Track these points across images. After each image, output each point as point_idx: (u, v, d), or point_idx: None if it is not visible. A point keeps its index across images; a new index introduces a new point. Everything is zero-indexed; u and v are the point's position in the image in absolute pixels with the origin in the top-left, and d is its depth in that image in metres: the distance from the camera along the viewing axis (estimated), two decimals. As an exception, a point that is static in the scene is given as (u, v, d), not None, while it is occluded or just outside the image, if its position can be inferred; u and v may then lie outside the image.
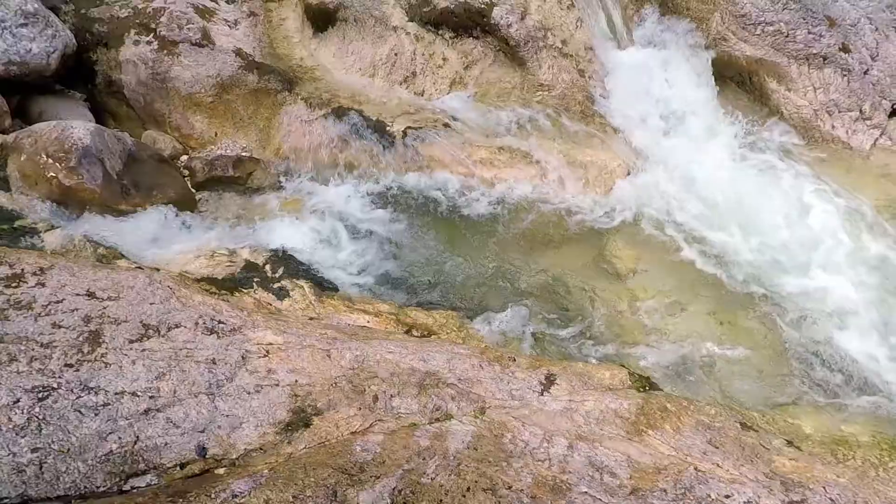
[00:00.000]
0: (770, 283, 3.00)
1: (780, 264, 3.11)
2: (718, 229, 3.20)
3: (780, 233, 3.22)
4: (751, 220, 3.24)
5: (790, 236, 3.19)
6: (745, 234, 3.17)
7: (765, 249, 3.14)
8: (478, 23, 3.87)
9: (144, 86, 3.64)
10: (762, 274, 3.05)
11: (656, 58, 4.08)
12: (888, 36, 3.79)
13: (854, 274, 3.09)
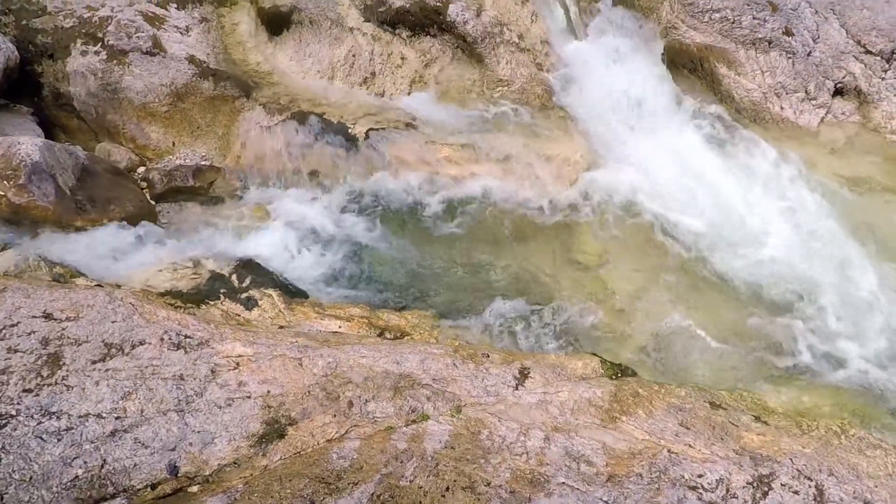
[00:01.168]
0: (731, 264, 3.10)
1: (741, 245, 3.22)
2: (680, 214, 3.29)
3: (738, 214, 3.33)
4: (710, 203, 3.34)
5: (748, 217, 3.31)
6: (706, 217, 3.27)
7: (725, 231, 3.25)
8: (434, 21, 3.87)
9: (95, 97, 3.52)
10: (723, 255, 3.16)
11: (612, 48, 4.16)
12: (827, 18, 3.95)
13: (809, 249, 3.22)
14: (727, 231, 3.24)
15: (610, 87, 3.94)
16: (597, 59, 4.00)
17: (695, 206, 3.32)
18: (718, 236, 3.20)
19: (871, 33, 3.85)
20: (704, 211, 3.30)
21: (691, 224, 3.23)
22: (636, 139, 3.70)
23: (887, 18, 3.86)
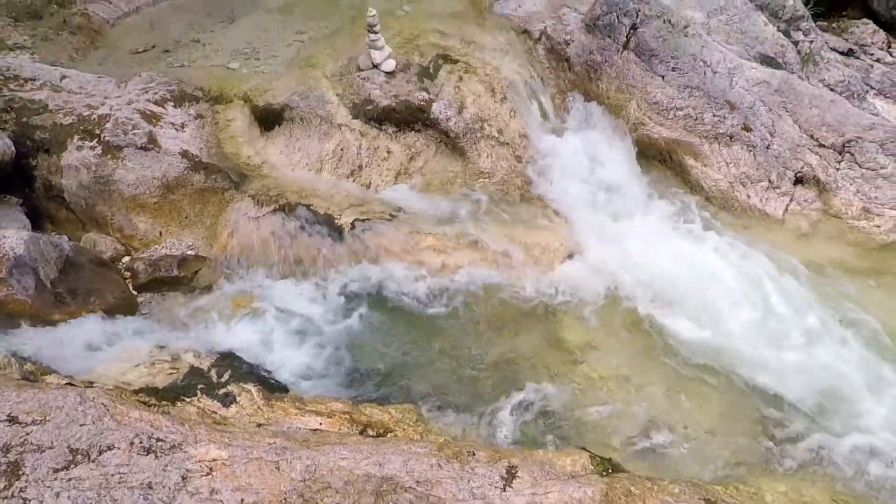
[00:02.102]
0: (716, 352, 3.12)
1: (724, 332, 3.25)
2: (661, 302, 3.35)
3: (718, 301, 3.39)
4: (689, 290, 3.42)
5: (727, 304, 3.38)
6: (686, 305, 3.33)
7: (706, 318, 3.30)
8: (419, 118, 4.12)
9: (86, 189, 3.60)
10: (708, 343, 3.18)
11: (585, 141, 4.41)
12: (781, 115, 4.27)
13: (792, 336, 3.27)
14: (709, 320, 3.28)
15: (585, 177, 4.15)
16: (572, 152, 4.23)
17: (674, 294, 3.39)
18: (701, 325, 3.25)
19: (822, 129, 4.17)
20: (684, 298, 3.36)
21: (672, 312, 3.29)
22: (613, 227, 3.84)
23: (834, 115, 4.19)
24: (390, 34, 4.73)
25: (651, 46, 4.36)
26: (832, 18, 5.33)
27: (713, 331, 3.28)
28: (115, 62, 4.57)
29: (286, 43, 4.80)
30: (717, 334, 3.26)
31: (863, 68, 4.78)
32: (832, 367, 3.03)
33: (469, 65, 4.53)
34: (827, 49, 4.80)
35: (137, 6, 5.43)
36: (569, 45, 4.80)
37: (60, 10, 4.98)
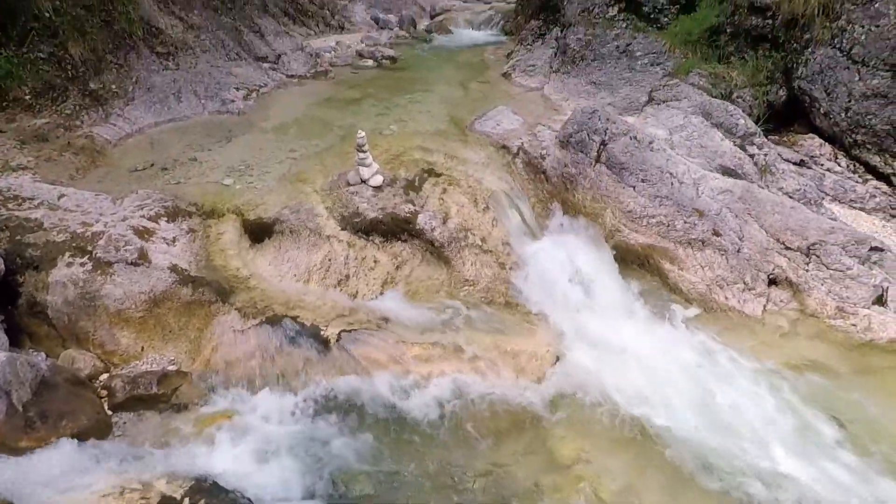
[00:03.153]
0: (709, 459, 3.04)
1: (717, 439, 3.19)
2: (650, 408, 3.31)
3: (705, 405, 3.37)
4: (677, 395, 3.40)
5: (716, 408, 3.35)
6: (673, 410, 3.30)
7: (696, 424, 3.25)
8: (405, 228, 4.29)
9: (71, 305, 3.58)
10: (701, 450, 3.11)
11: (566, 248, 4.59)
12: (747, 221, 4.53)
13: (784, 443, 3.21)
14: (700, 426, 3.24)
15: (568, 282, 4.26)
16: (554, 259, 4.39)
17: (663, 400, 3.36)
18: (692, 431, 3.19)
19: (787, 233, 4.41)
20: (672, 405, 3.34)
21: (661, 418, 3.24)
22: (598, 331, 3.88)
23: (796, 220, 4.46)
24: (378, 151, 5.07)
25: (621, 160, 4.71)
26: (782, 133, 5.86)
27: (705, 434, 3.22)
28: (113, 180, 4.77)
29: (279, 160, 5.09)
30: (707, 439, 3.19)
31: (815, 177, 5.18)
32: (821, 476, 2.95)
33: (452, 177, 4.82)
34: (781, 160, 5.22)
35: (140, 127, 5.80)
36: (545, 158, 5.16)
37: (66, 133, 5.28)
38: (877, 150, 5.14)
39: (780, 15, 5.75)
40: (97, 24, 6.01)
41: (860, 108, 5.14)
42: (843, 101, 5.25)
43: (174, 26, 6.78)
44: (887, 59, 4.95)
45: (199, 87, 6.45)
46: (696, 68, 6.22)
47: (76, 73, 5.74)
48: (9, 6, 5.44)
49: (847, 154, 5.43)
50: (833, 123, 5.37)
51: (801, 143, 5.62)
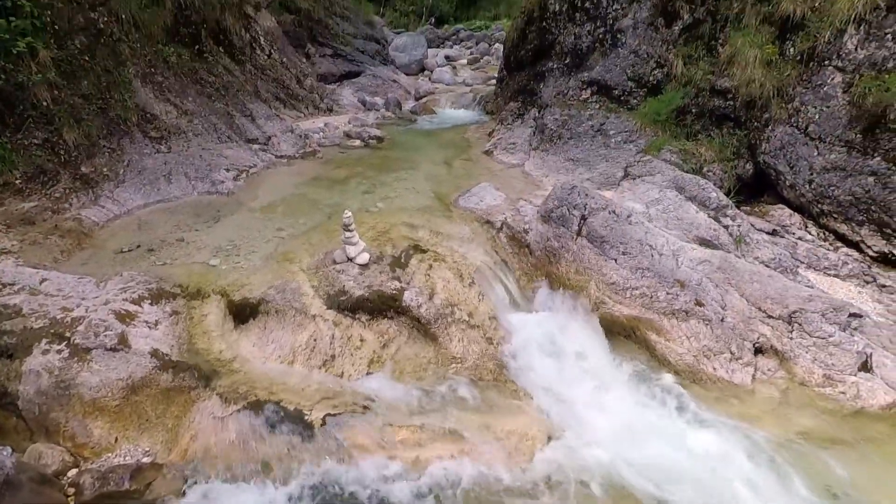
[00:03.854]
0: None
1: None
2: (644, 488, 3.20)
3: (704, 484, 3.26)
4: (672, 474, 3.30)
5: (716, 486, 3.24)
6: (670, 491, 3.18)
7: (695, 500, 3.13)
8: (391, 306, 4.29)
9: (44, 395, 3.45)
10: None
11: (553, 321, 4.61)
12: (728, 290, 4.62)
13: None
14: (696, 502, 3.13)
15: (556, 356, 4.24)
16: (541, 333, 4.39)
17: (658, 479, 3.26)
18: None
19: (767, 301, 4.49)
20: (668, 485, 3.23)
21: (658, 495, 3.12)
22: (588, 408, 3.81)
23: (775, 289, 4.56)
24: (364, 228, 5.16)
25: (601, 234, 4.85)
26: (753, 204, 6.12)
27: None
28: (98, 262, 4.76)
29: (266, 239, 5.15)
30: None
31: (789, 246, 5.36)
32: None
33: (438, 253, 4.89)
34: (754, 230, 5.42)
35: (129, 209, 5.87)
36: (528, 233, 5.29)
37: (54, 216, 5.32)
38: (843, 219, 5.37)
39: (740, 97, 6.19)
40: (93, 111, 6.24)
41: (822, 180, 5.42)
42: (805, 174, 5.54)
43: (168, 112, 7.05)
44: (841, 135, 5.29)
45: (189, 168, 6.62)
46: (667, 145, 6.57)
47: (69, 158, 5.87)
48: (7, 96, 5.64)
49: (816, 223, 5.65)
50: (799, 195, 5.64)
51: (772, 214, 5.86)
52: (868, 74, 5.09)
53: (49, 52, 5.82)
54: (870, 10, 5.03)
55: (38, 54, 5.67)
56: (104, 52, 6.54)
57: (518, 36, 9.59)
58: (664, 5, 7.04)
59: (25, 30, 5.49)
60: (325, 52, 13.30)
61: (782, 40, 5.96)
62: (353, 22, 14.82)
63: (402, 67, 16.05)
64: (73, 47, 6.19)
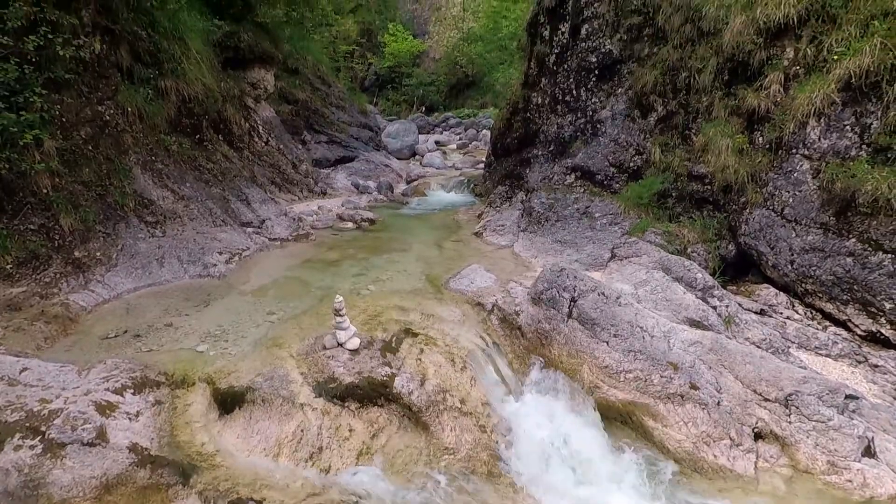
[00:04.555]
0: None
1: None
2: None
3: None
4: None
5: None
6: None
7: None
8: (382, 393, 4.19)
9: (10, 496, 3.23)
10: None
11: (548, 406, 4.51)
12: (721, 372, 4.59)
13: None
14: None
15: (552, 445, 4.10)
16: (535, 420, 4.27)
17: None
18: None
19: (762, 384, 4.45)
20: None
21: None
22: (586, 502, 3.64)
23: (768, 370, 4.53)
24: (355, 312, 5.16)
25: (592, 316, 4.87)
26: (738, 283, 6.24)
27: None
28: (83, 349, 4.66)
29: (256, 324, 5.11)
30: None
31: (778, 325, 5.41)
32: None
33: (429, 337, 4.86)
34: (742, 310, 5.48)
35: (118, 293, 5.84)
36: (519, 315, 5.30)
37: (42, 301, 5.28)
38: (828, 298, 5.47)
39: (716, 182, 6.51)
40: (92, 197, 6.38)
41: (803, 260, 5.58)
42: (786, 254, 5.71)
43: (165, 198, 7.23)
44: (815, 218, 5.53)
45: (182, 252, 6.68)
46: (651, 227, 6.80)
47: (63, 243, 5.92)
48: (8, 184, 5.78)
49: (802, 302, 5.74)
50: (782, 274, 5.77)
51: (759, 293, 5.96)
52: (834, 161, 5.41)
53: (54, 142, 6.06)
54: (827, 105, 5.45)
55: (43, 144, 5.90)
56: (108, 141, 6.81)
57: (504, 125, 10.17)
58: (639, 99, 7.57)
59: (34, 122, 5.74)
60: (321, 138, 13.92)
61: (751, 130, 6.38)
62: (347, 111, 15.67)
63: (394, 152, 16.77)
64: (78, 138, 6.45)
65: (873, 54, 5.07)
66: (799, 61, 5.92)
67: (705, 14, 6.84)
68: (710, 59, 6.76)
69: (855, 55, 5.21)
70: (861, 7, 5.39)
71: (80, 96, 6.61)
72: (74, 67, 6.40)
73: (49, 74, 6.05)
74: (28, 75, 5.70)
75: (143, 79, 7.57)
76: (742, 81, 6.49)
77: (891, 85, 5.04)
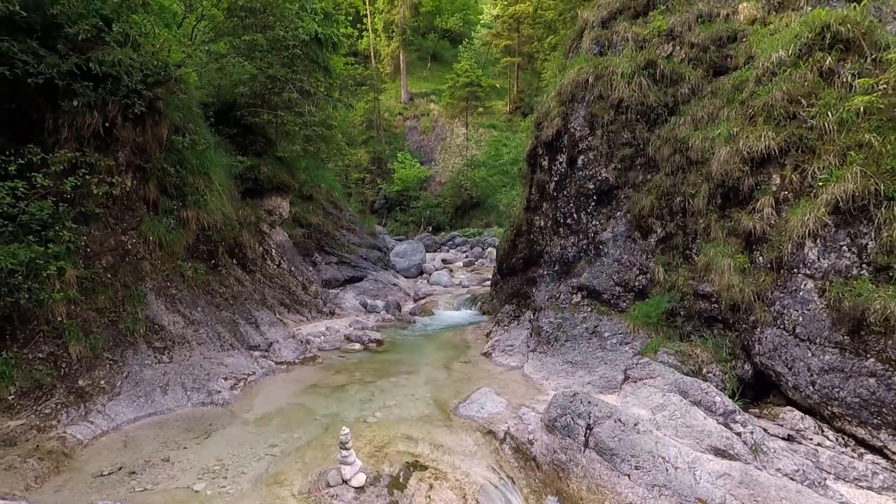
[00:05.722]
0: None
1: None
2: None
3: None
4: None
5: None
6: None
7: None
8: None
9: None
10: None
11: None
12: (758, 510, 4.22)
13: None
14: None
15: None
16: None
17: None
18: None
19: (803, 523, 4.07)
20: None
21: None
22: None
23: (808, 507, 4.18)
24: (361, 442, 4.93)
25: (610, 446, 4.62)
26: (760, 405, 5.98)
27: None
28: (73, 489, 4.41)
29: (257, 457, 4.86)
30: None
31: (810, 454, 5.08)
32: None
33: (439, 470, 4.59)
34: (768, 437, 5.19)
35: (117, 424, 5.65)
36: (533, 444, 5.04)
37: (39, 434, 5.11)
38: (857, 422, 5.19)
39: (723, 301, 6.53)
40: (104, 324, 6.45)
41: (824, 381, 5.40)
42: (805, 375, 5.54)
43: (176, 323, 7.30)
44: (829, 337, 5.45)
45: (187, 378, 6.58)
46: (662, 347, 6.69)
47: (69, 371, 5.88)
48: (25, 313, 5.89)
49: (831, 426, 5.44)
50: (805, 396, 5.55)
51: (783, 417, 5.68)
52: (837, 281, 5.47)
53: (76, 270, 6.29)
54: (820, 227, 5.65)
55: (65, 273, 6.12)
56: (126, 269, 7.06)
57: (509, 246, 10.51)
58: (638, 221, 7.90)
59: (60, 254, 6.01)
60: (331, 259, 14.35)
61: (750, 250, 6.55)
62: (357, 233, 16.33)
63: (402, 271, 17.14)
64: (99, 266, 6.70)
65: (855, 181, 5.38)
66: (786, 186, 6.25)
67: (692, 145, 7.39)
68: (702, 184, 7.17)
69: (838, 181, 5.52)
70: (836, 139, 5.83)
71: (106, 227, 6.98)
72: (105, 202, 6.85)
73: (81, 209, 6.47)
74: (61, 211, 6.09)
75: (167, 210, 8.04)
76: (735, 205, 6.81)
77: (878, 208, 5.27)
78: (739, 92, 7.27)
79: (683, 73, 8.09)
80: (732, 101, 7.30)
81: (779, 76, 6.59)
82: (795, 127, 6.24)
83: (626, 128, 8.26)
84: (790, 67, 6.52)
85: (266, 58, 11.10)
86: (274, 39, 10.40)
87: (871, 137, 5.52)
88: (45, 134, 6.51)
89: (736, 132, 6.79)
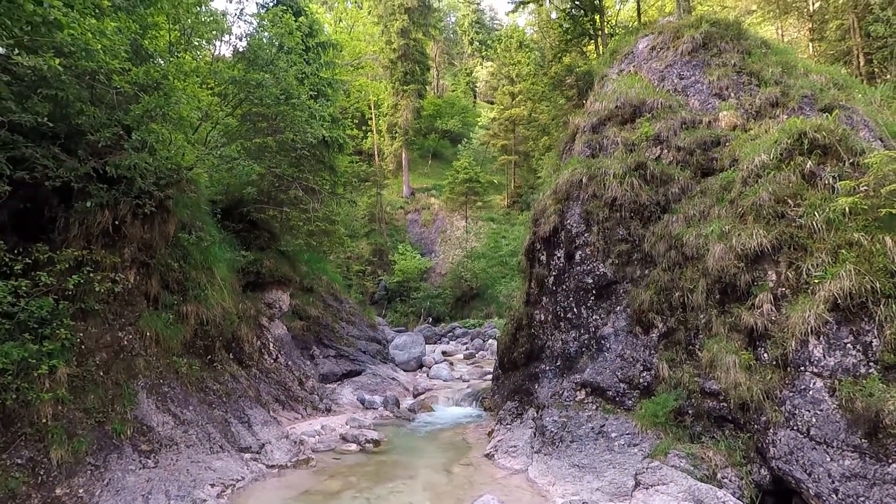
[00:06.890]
0: None
1: None
2: None
3: None
4: None
5: None
6: None
7: None
8: None
9: None
10: None
11: None
12: None
13: None
14: None
15: None
16: None
17: None
18: None
19: None
20: None
21: None
22: None
23: None
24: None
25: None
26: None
27: None
28: None
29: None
30: None
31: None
32: None
33: None
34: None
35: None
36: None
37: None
38: (892, 537, 4.82)
39: (731, 399, 6.33)
40: (90, 425, 6.19)
41: (847, 489, 5.08)
42: (826, 482, 5.23)
43: (165, 423, 7.01)
44: (846, 440, 5.21)
45: (172, 486, 6.20)
46: (673, 449, 6.38)
47: (46, 479, 5.55)
48: (9, 415, 5.68)
49: (864, 541, 5.04)
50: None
51: (809, 531, 5.27)
52: (846, 380, 5.34)
53: (68, 368, 6.15)
54: (822, 324, 5.62)
55: (56, 372, 5.97)
56: (120, 366, 6.91)
57: (510, 339, 10.37)
58: (638, 316, 7.87)
59: (54, 351, 5.91)
60: (329, 353, 14.08)
61: (753, 346, 6.46)
62: (357, 325, 16.17)
63: (401, 364, 16.75)
64: (92, 363, 6.57)
65: (850, 278, 5.44)
66: (783, 283, 6.31)
67: (686, 241, 7.57)
68: (699, 280, 7.23)
69: (834, 279, 5.59)
70: (826, 238, 5.98)
71: (104, 323, 6.93)
72: (105, 297, 6.86)
73: (81, 305, 6.47)
74: (61, 308, 6.09)
75: (168, 304, 8.04)
76: (734, 300, 6.82)
77: (877, 305, 5.28)
78: (728, 192, 7.58)
79: (672, 174, 8.49)
80: (722, 200, 7.59)
81: (764, 178, 6.91)
82: (785, 225, 6.43)
83: (620, 224, 8.50)
84: (773, 170, 6.85)
85: (275, 158, 11.70)
86: (283, 142, 11.03)
87: (860, 237, 5.67)
88: (56, 231, 6.68)
89: (728, 230, 6.98)
